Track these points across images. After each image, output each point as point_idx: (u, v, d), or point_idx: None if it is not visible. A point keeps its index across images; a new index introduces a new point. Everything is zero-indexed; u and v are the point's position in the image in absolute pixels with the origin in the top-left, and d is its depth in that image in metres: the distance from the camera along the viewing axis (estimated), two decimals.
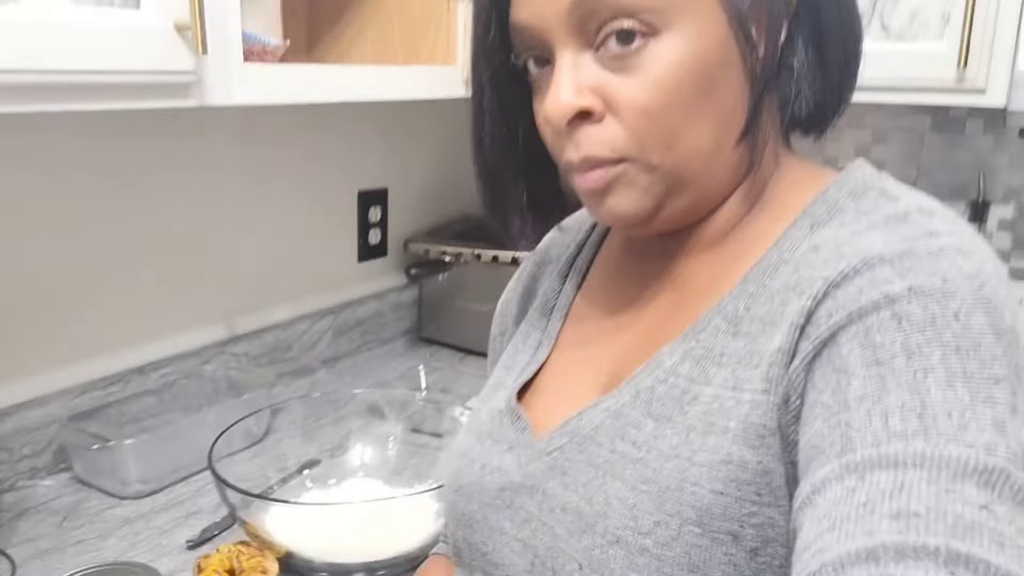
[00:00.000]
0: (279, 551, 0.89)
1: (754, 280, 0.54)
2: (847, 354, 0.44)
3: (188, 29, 0.82)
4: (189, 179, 1.29)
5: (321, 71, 1.07)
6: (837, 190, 0.55)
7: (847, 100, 0.58)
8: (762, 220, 0.57)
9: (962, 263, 0.45)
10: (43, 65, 0.73)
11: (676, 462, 0.51)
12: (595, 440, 0.56)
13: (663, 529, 0.50)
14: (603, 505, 0.53)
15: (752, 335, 0.52)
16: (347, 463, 1.13)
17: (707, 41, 0.51)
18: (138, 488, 1.08)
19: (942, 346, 0.42)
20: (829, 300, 0.47)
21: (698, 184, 0.55)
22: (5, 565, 0.93)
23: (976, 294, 0.44)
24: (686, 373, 0.54)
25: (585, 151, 0.54)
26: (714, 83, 0.52)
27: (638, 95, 0.52)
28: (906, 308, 0.43)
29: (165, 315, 1.29)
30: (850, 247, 0.49)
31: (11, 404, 1.10)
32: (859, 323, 0.45)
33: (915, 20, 1.33)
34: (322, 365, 1.55)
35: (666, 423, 0.53)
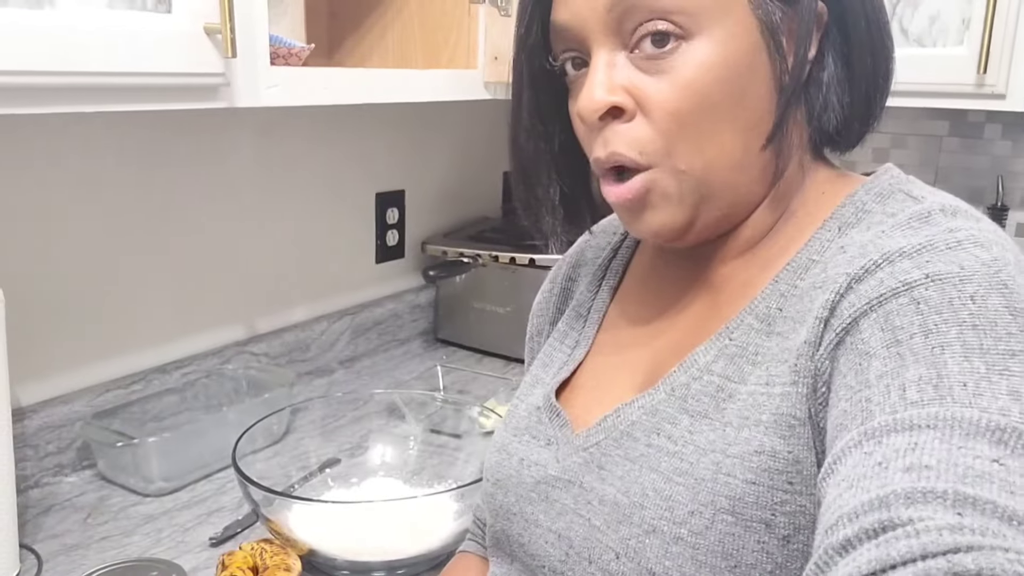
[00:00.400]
0: (302, 549, 0.90)
1: (785, 280, 0.56)
2: (868, 338, 0.46)
3: (218, 32, 0.83)
4: (211, 180, 1.31)
5: (344, 74, 1.08)
6: (864, 193, 0.57)
7: (877, 116, 0.59)
8: (792, 226, 0.59)
9: (979, 253, 0.47)
10: (77, 67, 0.74)
11: (712, 455, 0.53)
12: (632, 435, 0.58)
13: (697, 518, 0.52)
14: (640, 496, 0.55)
15: (784, 334, 0.53)
16: (367, 462, 1.14)
17: (738, 48, 0.52)
18: (161, 485, 1.09)
19: (959, 324, 0.43)
20: (851, 293, 0.49)
21: (727, 191, 0.56)
22: (32, 560, 0.94)
23: (993, 278, 0.45)
24: (720, 371, 0.55)
25: (612, 147, 0.55)
26: (743, 90, 0.53)
27: (669, 97, 0.53)
28: (924, 293, 0.45)
29: (187, 315, 1.31)
30: (873, 245, 0.50)
31: (36, 401, 1.12)
32: (879, 309, 0.46)
33: (935, 24, 1.33)
34: (340, 365, 1.56)
35: (702, 419, 0.55)
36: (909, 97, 1.37)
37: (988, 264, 0.46)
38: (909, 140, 1.71)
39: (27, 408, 1.10)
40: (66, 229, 1.13)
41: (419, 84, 1.19)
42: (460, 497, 0.93)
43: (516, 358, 1.59)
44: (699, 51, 0.52)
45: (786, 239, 0.58)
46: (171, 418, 1.21)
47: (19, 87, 0.72)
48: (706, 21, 0.52)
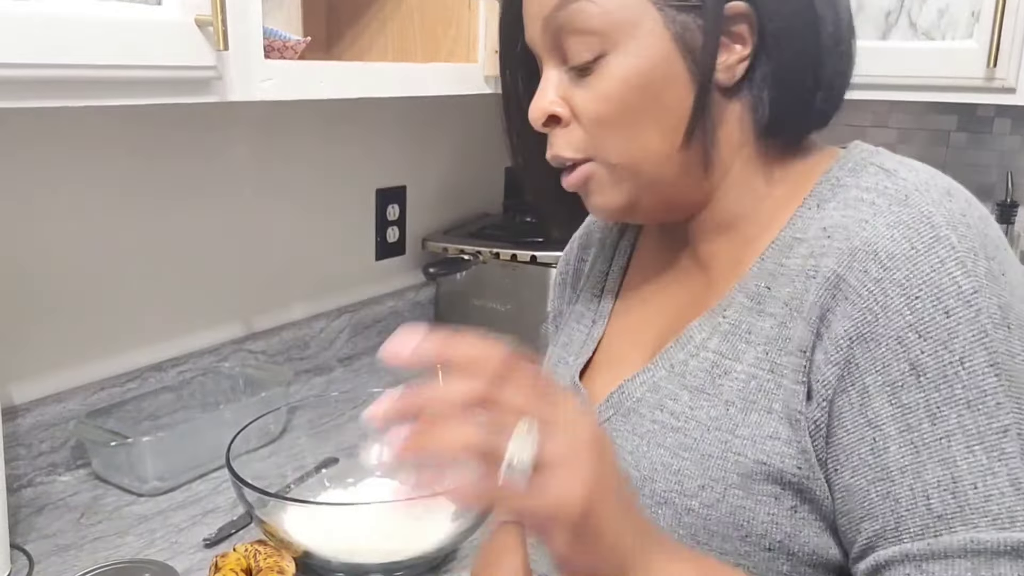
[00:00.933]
0: (296, 551, 0.89)
1: (771, 259, 0.60)
2: (878, 408, 0.52)
3: (210, 24, 0.81)
4: (207, 176, 1.29)
5: (341, 68, 1.06)
6: (838, 169, 0.61)
7: (816, 110, 0.62)
8: (770, 205, 0.63)
9: (960, 279, 0.51)
10: (65, 59, 0.73)
11: (717, 433, 0.57)
12: (637, 412, 0.63)
13: (708, 492, 0.57)
14: (649, 471, 0.59)
15: (779, 317, 0.58)
16: (364, 463, 1.12)
17: (652, 58, 0.58)
18: (155, 485, 1.08)
19: (956, 404, 0.50)
20: (842, 302, 0.53)
21: (659, 180, 0.62)
22: (23, 561, 0.93)
23: (974, 324, 0.50)
24: (715, 347, 0.60)
25: (554, 150, 0.64)
26: (660, 94, 0.59)
27: (592, 105, 0.61)
28: (920, 358, 0.51)
29: (183, 312, 1.29)
30: (858, 236, 0.55)
31: (30, 400, 1.11)
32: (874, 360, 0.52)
33: (944, 17, 1.31)
34: (339, 363, 1.55)
35: (699, 395, 0.59)
36: (917, 91, 1.35)
37: (969, 301, 0.51)
38: (917, 135, 1.68)
39: (20, 406, 1.09)
40: (59, 225, 1.12)
41: (418, 78, 1.17)
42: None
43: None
44: (617, 64, 0.59)
45: (766, 218, 0.63)
46: (166, 417, 1.19)
47: (6, 80, 0.70)
48: (621, 38, 0.58)
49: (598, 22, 0.58)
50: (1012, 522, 0.49)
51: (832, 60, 0.60)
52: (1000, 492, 0.49)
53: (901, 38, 1.36)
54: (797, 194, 0.62)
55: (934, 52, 1.31)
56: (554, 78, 0.62)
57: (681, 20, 0.58)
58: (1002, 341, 0.51)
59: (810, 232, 0.58)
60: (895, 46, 1.36)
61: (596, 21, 0.58)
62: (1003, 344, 0.51)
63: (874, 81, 1.39)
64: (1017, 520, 0.49)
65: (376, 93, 1.10)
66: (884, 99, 1.46)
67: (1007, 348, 0.51)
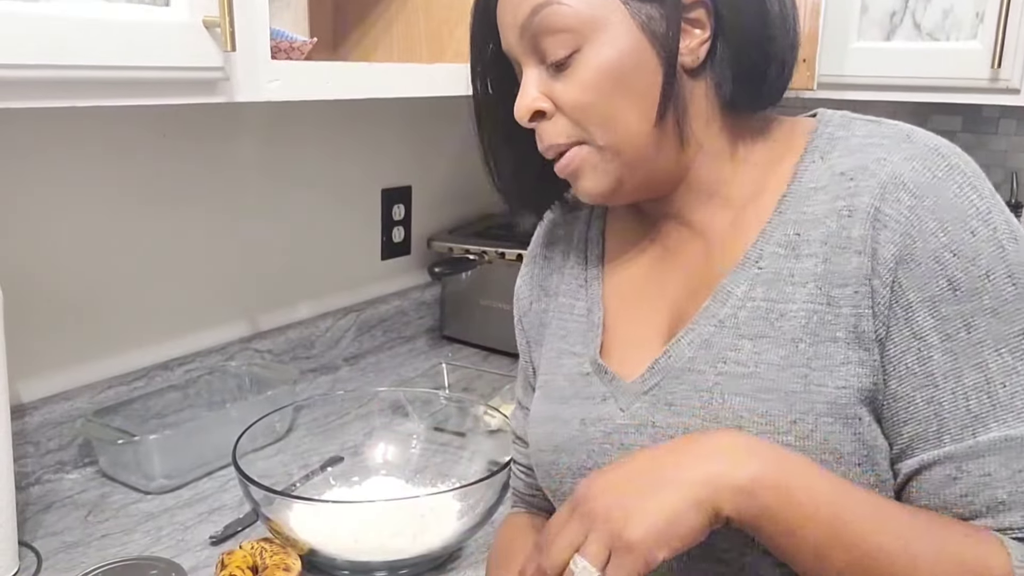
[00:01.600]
0: (302, 548, 0.89)
1: (792, 209, 0.65)
2: (922, 321, 0.59)
3: (217, 25, 0.82)
4: (214, 175, 1.30)
5: (347, 68, 1.07)
6: (825, 127, 0.68)
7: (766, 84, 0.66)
8: (752, 169, 0.69)
9: (975, 199, 0.60)
10: (73, 60, 0.73)
11: (793, 370, 0.62)
12: (693, 369, 0.66)
13: (800, 425, 0.60)
14: (733, 419, 0.63)
15: (820, 255, 0.63)
16: (370, 461, 1.13)
17: (623, 47, 0.64)
18: (162, 483, 1.09)
19: (984, 313, 0.58)
20: (883, 229, 0.60)
21: (642, 158, 0.67)
22: (31, 558, 0.94)
23: (992, 241, 0.59)
24: (762, 296, 0.64)
25: (546, 141, 0.69)
26: (633, 79, 0.64)
27: (572, 95, 0.66)
28: (955, 274, 0.58)
29: (189, 311, 1.30)
30: (884, 172, 0.61)
31: (37, 398, 1.11)
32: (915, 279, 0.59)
33: (948, 19, 1.31)
34: (344, 363, 1.55)
35: (762, 340, 0.63)
36: (921, 92, 1.35)
37: (987, 220, 0.59)
38: None
39: (28, 405, 1.09)
40: (67, 225, 1.12)
41: (424, 78, 1.18)
42: (463, 496, 0.92)
43: None
44: (591, 56, 0.64)
45: (753, 182, 0.68)
46: (173, 415, 1.20)
47: (15, 81, 0.71)
48: (592, 32, 0.64)
49: (570, 21, 0.64)
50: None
51: (781, 36, 0.65)
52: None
53: (905, 39, 1.36)
54: (782, 155, 0.68)
55: (938, 53, 1.32)
56: (534, 76, 0.67)
57: (645, 11, 0.64)
58: (1015, 252, 0.59)
59: (824, 180, 0.64)
60: (899, 47, 1.36)
61: (568, 20, 0.64)
62: (1016, 255, 0.59)
63: (878, 82, 1.39)
64: None
65: (381, 93, 1.10)
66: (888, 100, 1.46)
67: (1019, 259, 0.59)
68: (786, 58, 0.66)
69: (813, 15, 1.35)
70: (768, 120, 0.71)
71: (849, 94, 1.43)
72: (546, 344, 0.80)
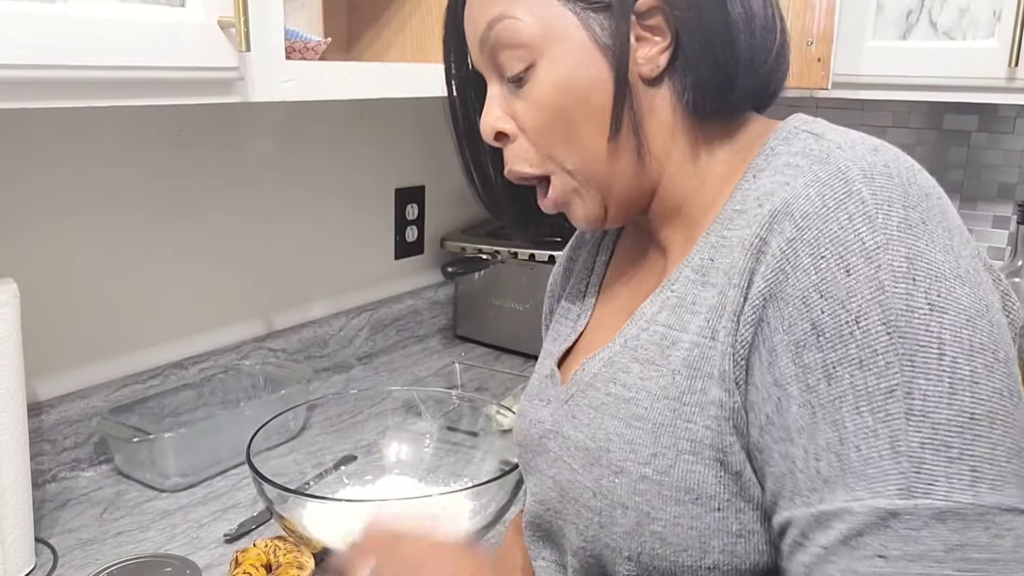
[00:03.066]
0: (315, 546, 0.89)
1: (715, 232, 0.62)
2: (784, 367, 0.53)
3: (232, 26, 0.82)
4: (229, 175, 1.30)
5: (361, 68, 1.07)
6: (773, 139, 0.63)
7: (747, 87, 0.63)
8: (711, 185, 0.65)
9: (864, 232, 0.51)
10: (89, 61, 0.74)
11: (666, 402, 0.59)
12: (594, 386, 0.66)
13: (660, 459, 0.59)
14: (605, 441, 0.62)
15: (719, 286, 0.59)
16: (383, 460, 1.13)
17: (575, 61, 0.62)
18: (177, 481, 1.09)
19: (849, 364, 0.50)
20: (762, 264, 0.55)
21: (612, 176, 0.64)
22: (47, 555, 0.95)
23: (872, 282, 0.50)
24: (663, 320, 0.63)
25: (510, 166, 0.67)
26: (588, 93, 0.62)
27: (530, 114, 0.64)
28: (820, 317, 0.51)
29: (204, 310, 1.31)
30: (779, 200, 0.56)
31: (54, 396, 1.12)
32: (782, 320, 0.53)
33: (964, 17, 1.30)
34: (358, 362, 1.56)
35: (650, 366, 0.62)
36: (937, 91, 1.34)
37: (871, 257, 0.51)
38: (936, 135, 1.67)
39: (44, 403, 1.10)
40: (83, 224, 1.13)
41: (437, 78, 1.17)
42: (476, 496, 0.92)
43: (535, 355, 1.57)
44: (545, 71, 0.62)
45: (709, 198, 0.65)
46: (188, 413, 1.21)
47: (31, 81, 0.72)
48: (546, 46, 0.62)
49: (523, 36, 0.62)
50: (885, 486, 0.49)
51: (745, 37, 0.61)
52: (879, 455, 0.49)
53: (921, 38, 1.35)
54: (737, 169, 0.64)
55: (955, 52, 1.31)
56: (497, 94, 0.66)
57: (596, 21, 0.61)
58: (901, 296, 0.50)
59: (748, 203, 0.60)
60: (915, 46, 1.35)
61: (521, 35, 0.62)
62: (902, 300, 0.50)
63: (894, 81, 1.39)
64: (890, 484, 0.49)
65: (395, 93, 1.10)
66: (904, 99, 1.45)
67: (906, 304, 0.50)
68: (755, 60, 0.62)
69: (828, 14, 1.34)
70: (741, 127, 0.66)
71: (864, 93, 1.42)
72: (544, 344, 0.82)
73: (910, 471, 0.48)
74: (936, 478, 0.48)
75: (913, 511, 0.48)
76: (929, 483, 0.48)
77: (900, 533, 0.48)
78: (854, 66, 1.41)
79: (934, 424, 0.48)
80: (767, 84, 0.65)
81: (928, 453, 0.48)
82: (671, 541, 0.58)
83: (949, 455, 0.48)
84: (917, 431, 0.48)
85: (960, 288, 0.51)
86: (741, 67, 0.62)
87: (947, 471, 0.48)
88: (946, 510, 0.48)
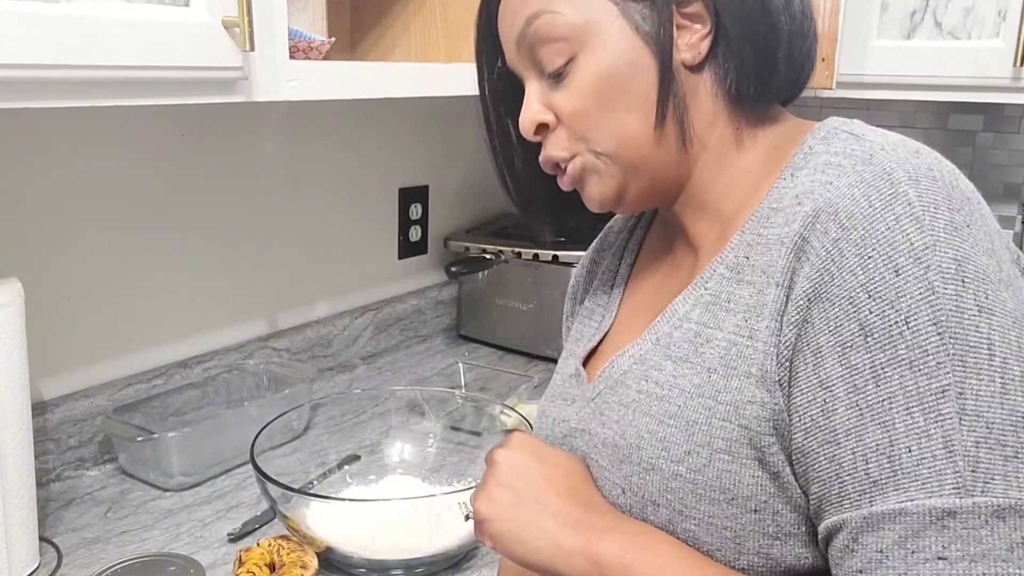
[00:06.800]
0: (319, 546, 0.90)
1: (751, 230, 0.61)
2: (830, 368, 0.53)
3: (236, 26, 0.82)
4: (233, 175, 1.31)
5: (365, 68, 1.07)
6: (811, 138, 0.62)
7: (786, 75, 0.64)
8: (747, 181, 0.65)
9: (912, 233, 0.51)
10: (94, 60, 0.74)
11: (701, 400, 0.59)
12: (624, 383, 0.65)
13: (694, 457, 0.58)
14: (635, 438, 0.62)
15: (757, 285, 0.59)
16: (386, 459, 1.13)
17: (616, 50, 0.62)
18: (181, 480, 1.09)
19: (899, 365, 0.50)
20: (805, 263, 0.55)
21: (645, 162, 0.65)
22: (52, 554, 0.95)
23: (922, 283, 0.50)
24: (697, 318, 0.62)
25: (546, 152, 0.68)
26: (630, 81, 0.63)
27: (571, 103, 0.65)
28: (868, 318, 0.51)
29: (208, 309, 1.31)
30: (823, 199, 0.55)
31: (58, 395, 1.12)
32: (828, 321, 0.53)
33: (970, 17, 1.30)
34: (362, 361, 1.56)
35: (683, 364, 0.61)
36: (943, 91, 1.34)
37: (920, 258, 0.51)
38: (941, 135, 1.67)
39: (49, 402, 1.10)
40: (87, 224, 1.13)
41: (441, 78, 1.18)
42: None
43: (538, 356, 1.58)
44: (587, 63, 0.63)
45: (744, 194, 0.64)
46: (192, 413, 1.21)
47: (35, 81, 0.72)
48: (586, 38, 0.63)
49: (563, 29, 0.63)
50: (941, 486, 0.48)
51: (785, 21, 0.62)
52: (932, 455, 0.49)
53: (926, 37, 1.35)
54: (774, 167, 0.64)
55: (960, 52, 1.30)
56: (535, 90, 0.67)
57: (637, 10, 0.62)
58: (951, 297, 0.50)
59: (785, 201, 0.59)
60: (920, 45, 1.35)
61: (561, 29, 0.63)
62: (952, 300, 0.50)
63: (898, 81, 1.38)
64: (946, 484, 0.48)
65: (399, 93, 1.10)
66: (910, 99, 1.44)
67: (956, 304, 0.50)
68: (793, 44, 0.63)
69: (833, 14, 1.34)
70: (777, 122, 0.67)
71: (869, 93, 1.42)
72: (566, 343, 0.81)
73: (966, 470, 0.48)
74: (993, 476, 0.48)
75: (972, 509, 0.48)
76: (986, 481, 0.48)
77: (959, 533, 0.48)
78: (859, 66, 1.41)
79: (988, 423, 0.49)
80: (801, 70, 0.65)
81: (983, 452, 0.48)
82: (704, 540, 0.58)
83: (1005, 453, 0.48)
84: (971, 431, 0.48)
85: (1005, 291, 0.51)
86: (782, 50, 0.62)
87: (1004, 469, 0.48)
88: (1006, 507, 0.48)
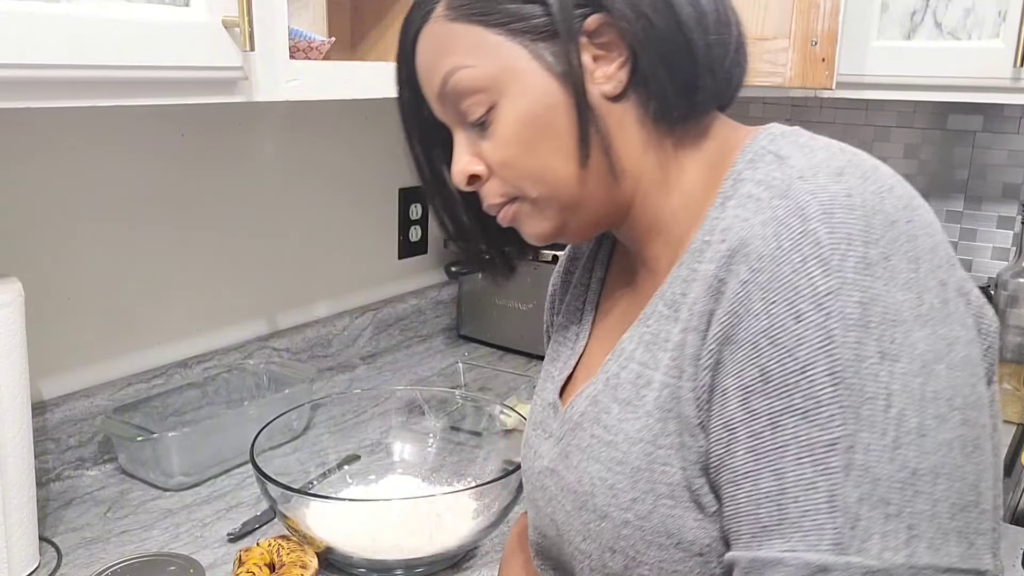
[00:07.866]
0: (319, 546, 0.90)
1: (687, 264, 0.60)
2: (733, 411, 0.52)
3: (236, 25, 0.82)
4: (233, 174, 1.31)
5: (365, 68, 1.07)
6: (740, 160, 0.60)
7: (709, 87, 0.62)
8: (693, 204, 0.63)
9: (817, 276, 0.49)
10: (93, 60, 0.74)
11: (642, 446, 0.59)
12: (581, 426, 0.65)
13: (640, 504, 0.58)
14: (589, 485, 0.62)
15: (684, 323, 0.58)
16: (386, 459, 1.13)
17: (533, 94, 0.61)
18: (181, 480, 1.09)
19: (794, 413, 0.49)
20: (719, 306, 0.54)
21: (581, 200, 0.63)
22: (51, 553, 0.95)
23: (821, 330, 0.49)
24: (639, 358, 0.62)
25: (486, 203, 0.67)
26: (549, 123, 0.61)
27: (497, 153, 0.63)
28: (768, 364, 0.51)
29: (208, 309, 1.31)
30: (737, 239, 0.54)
31: (58, 395, 1.12)
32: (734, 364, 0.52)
33: (970, 17, 1.30)
34: (361, 361, 1.56)
35: (627, 407, 0.61)
36: (942, 91, 1.34)
37: (821, 304, 0.49)
38: (941, 136, 1.67)
39: (49, 401, 1.10)
40: (87, 224, 1.13)
41: None
42: (479, 495, 0.92)
43: (538, 355, 1.58)
44: (506, 111, 0.62)
45: (691, 217, 0.63)
46: (192, 413, 1.21)
47: (35, 81, 0.72)
48: (503, 85, 0.61)
49: (481, 81, 0.61)
50: (820, 540, 0.48)
51: (699, 36, 0.60)
52: (816, 508, 0.48)
53: (926, 38, 1.35)
54: (711, 189, 0.62)
55: (960, 52, 1.30)
56: (463, 140, 0.66)
57: (547, 49, 0.61)
58: (850, 346, 0.48)
59: (714, 235, 0.58)
60: (920, 46, 1.35)
61: (479, 81, 0.62)
62: (851, 349, 0.48)
63: (898, 81, 1.38)
64: (824, 538, 0.48)
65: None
66: (908, 99, 1.45)
67: (856, 353, 0.48)
68: (713, 58, 0.61)
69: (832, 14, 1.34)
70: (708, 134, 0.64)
71: (869, 93, 1.42)
72: (544, 364, 0.80)
73: (844, 527, 0.47)
74: (871, 535, 0.47)
75: (845, 568, 0.47)
76: (863, 540, 0.47)
77: None
78: (859, 66, 1.41)
79: (874, 479, 0.47)
80: (728, 81, 0.64)
81: (865, 509, 0.47)
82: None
83: (887, 511, 0.47)
84: (856, 486, 0.47)
85: (919, 331, 0.49)
86: (700, 67, 0.61)
87: (883, 528, 0.47)
88: (877, 569, 0.47)
